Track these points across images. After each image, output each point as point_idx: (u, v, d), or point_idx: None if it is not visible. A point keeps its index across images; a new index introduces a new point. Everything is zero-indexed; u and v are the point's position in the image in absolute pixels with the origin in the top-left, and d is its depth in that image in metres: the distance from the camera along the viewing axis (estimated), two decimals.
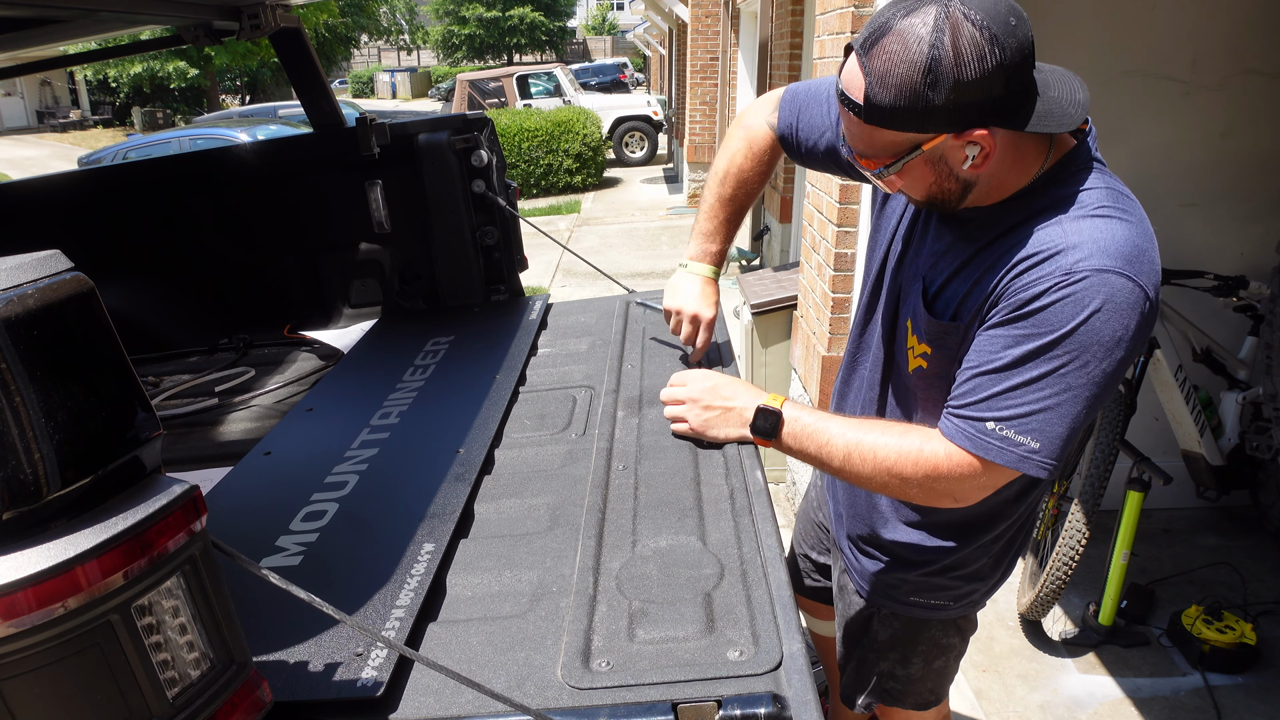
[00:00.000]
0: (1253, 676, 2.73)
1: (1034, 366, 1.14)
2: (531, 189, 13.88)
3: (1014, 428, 1.16)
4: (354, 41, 35.46)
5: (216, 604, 0.89)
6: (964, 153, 1.14)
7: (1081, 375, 1.13)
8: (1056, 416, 1.14)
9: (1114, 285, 1.11)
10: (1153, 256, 1.16)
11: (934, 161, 1.16)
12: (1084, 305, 1.11)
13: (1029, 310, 1.14)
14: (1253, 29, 3.08)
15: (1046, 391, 1.14)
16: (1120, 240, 1.13)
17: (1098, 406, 1.17)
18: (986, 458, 1.19)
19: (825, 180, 3.37)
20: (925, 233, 1.39)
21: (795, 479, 3.83)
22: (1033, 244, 1.16)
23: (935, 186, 1.21)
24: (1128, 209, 1.18)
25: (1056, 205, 1.18)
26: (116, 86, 29.02)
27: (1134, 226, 1.16)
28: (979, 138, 1.11)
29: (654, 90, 24.57)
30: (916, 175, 1.20)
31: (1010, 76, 1.07)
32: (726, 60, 10.57)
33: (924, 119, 1.09)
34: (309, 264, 2.82)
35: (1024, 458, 1.16)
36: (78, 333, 0.82)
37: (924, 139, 1.13)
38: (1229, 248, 3.30)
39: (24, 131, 28.63)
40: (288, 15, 2.39)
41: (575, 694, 1.00)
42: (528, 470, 1.57)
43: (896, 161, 1.17)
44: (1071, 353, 1.12)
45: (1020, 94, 1.10)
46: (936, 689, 1.68)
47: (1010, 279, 1.17)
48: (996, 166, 1.17)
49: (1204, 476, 3.22)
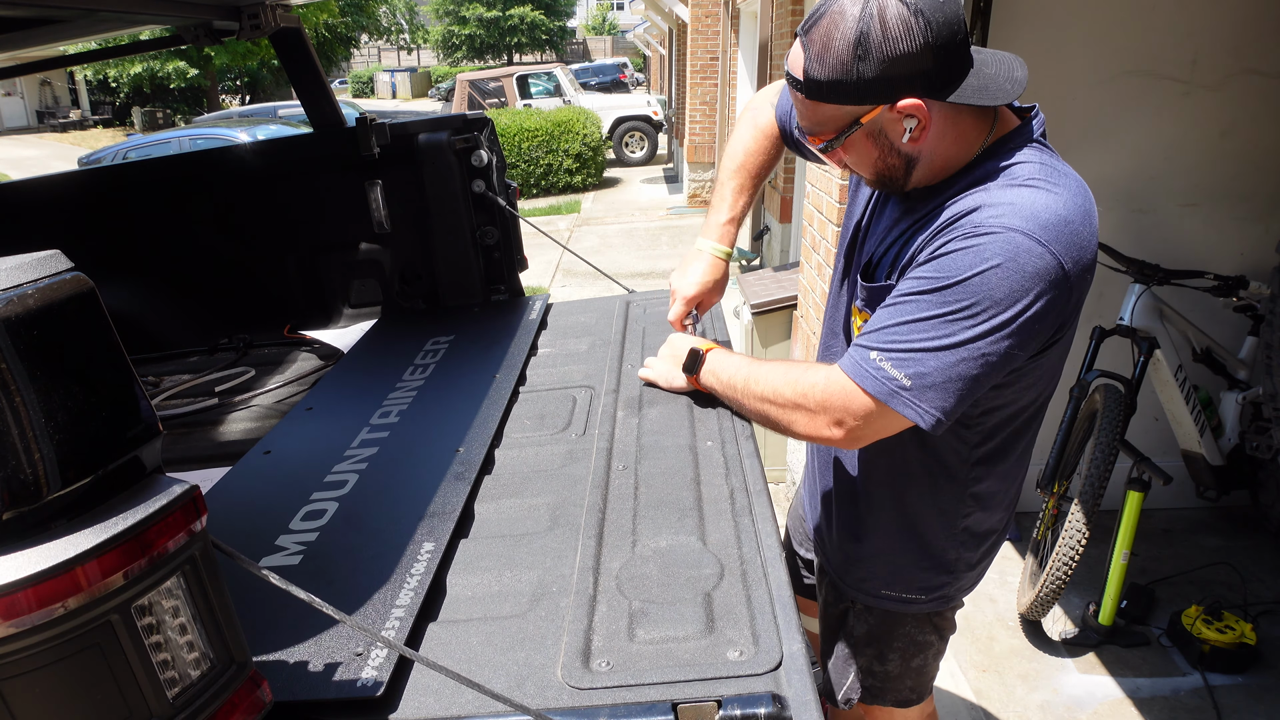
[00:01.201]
0: (1253, 676, 2.73)
1: (923, 308, 1.18)
2: (531, 189, 13.87)
3: (890, 360, 1.19)
4: (354, 41, 35.44)
5: (216, 604, 0.89)
6: (901, 125, 1.19)
7: (967, 327, 1.15)
8: (935, 362, 1.17)
9: (1019, 245, 1.13)
10: (1079, 231, 1.17)
11: (874, 135, 1.22)
12: (983, 258, 1.14)
13: (933, 257, 1.20)
14: (1253, 29, 3.08)
15: (930, 334, 1.17)
16: (1039, 207, 1.15)
17: (985, 373, 1.17)
18: (860, 384, 1.23)
19: (825, 180, 3.37)
20: (879, 218, 1.44)
21: (795, 479, 3.83)
22: (956, 209, 1.22)
23: (880, 162, 1.26)
24: (1059, 183, 1.20)
25: (988, 176, 1.23)
26: (116, 86, 29.01)
27: (1061, 199, 1.18)
28: (912, 108, 1.17)
29: (654, 90, 24.57)
30: (861, 151, 1.25)
31: (938, 50, 1.13)
32: (726, 60, 10.57)
33: (858, 91, 1.16)
34: (309, 264, 2.82)
35: (894, 392, 1.19)
36: (78, 333, 0.82)
37: (861, 112, 1.19)
38: (1229, 248, 3.30)
39: (24, 131, 28.63)
40: (288, 15, 2.39)
41: (575, 694, 1.00)
42: (528, 470, 1.57)
43: (839, 136, 1.23)
44: (960, 301, 1.15)
45: (950, 67, 1.16)
46: (917, 687, 1.68)
47: (929, 238, 1.24)
48: (936, 142, 1.23)
49: (1204, 476, 3.22)
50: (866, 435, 1.29)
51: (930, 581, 1.56)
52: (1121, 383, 2.86)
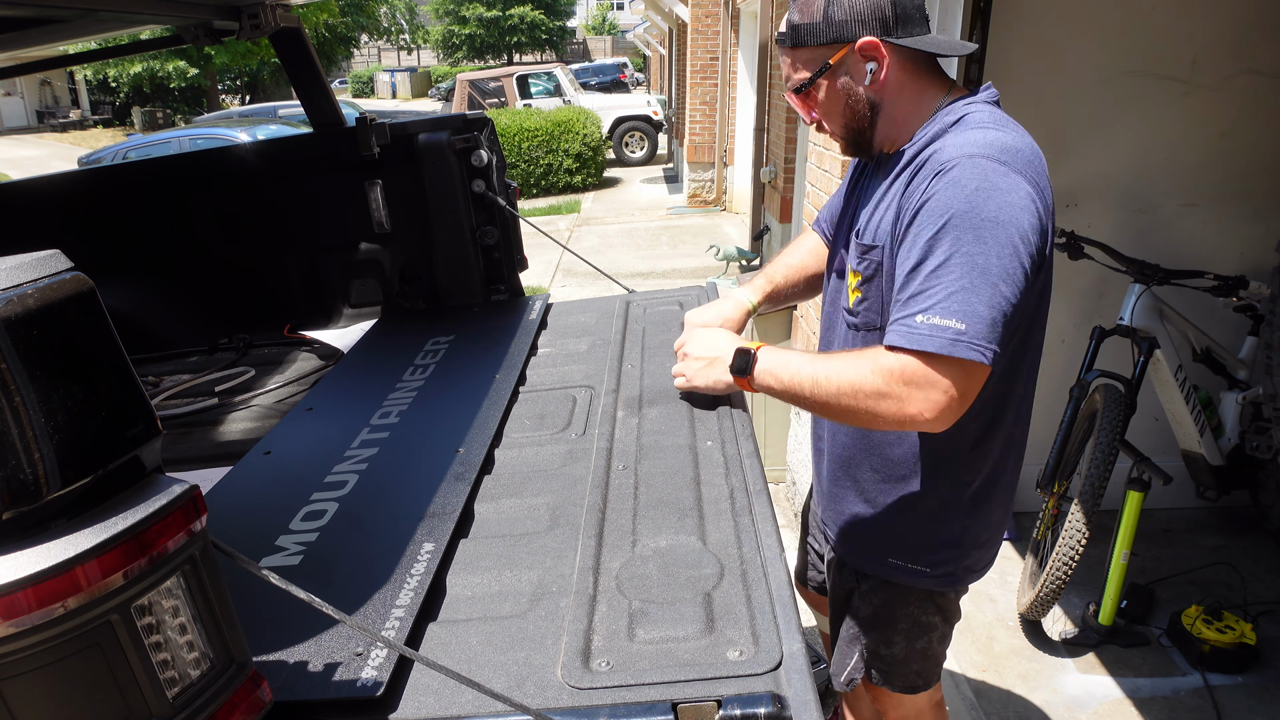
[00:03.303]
0: (1253, 676, 2.73)
1: (938, 254, 1.25)
2: (531, 189, 13.87)
3: (938, 313, 1.23)
4: (354, 41, 35.44)
5: (216, 604, 0.89)
6: (864, 68, 1.38)
7: (981, 251, 1.22)
8: (973, 294, 1.22)
9: (984, 167, 1.26)
10: (1032, 160, 1.29)
11: (840, 77, 1.40)
12: (960, 186, 1.25)
13: (919, 209, 1.30)
14: (1253, 29, 3.08)
15: (956, 273, 1.23)
16: (992, 138, 1.30)
17: (1016, 287, 1.23)
18: (921, 348, 1.24)
19: (825, 180, 3.38)
20: (863, 197, 1.55)
21: (795, 479, 3.83)
22: (922, 160, 1.35)
23: (849, 110, 1.43)
24: (1008, 126, 1.35)
25: (946, 130, 1.37)
26: (116, 86, 29.00)
27: (1011, 136, 1.31)
28: (870, 48, 1.35)
29: (654, 90, 24.57)
30: (831, 97, 1.42)
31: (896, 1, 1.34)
32: (726, 60, 10.58)
33: (826, 30, 1.37)
34: (309, 264, 2.82)
35: (954, 340, 1.22)
36: (78, 333, 0.82)
37: (831, 53, 1.38)
38: (1229, 248, 3.30)
39: (24, 131, 28.63)
40: (288, 15, 2.39)
41: (575, 694, 1.00)
42: (528, 470, 1.57)
43: (812, 78, 1.41)
44: (963, 229, 1.23)
45: (905, 15, 1.36)
46: (923, 672, 1.69)
47: (907, 194, 1.35)
48: (896, 92, 1.40)
49: (1204, 476, 3.22)
50: (954, 405, 1.26)
51: (936, 554, 1.58)
52: (1121, 383, 2.86)
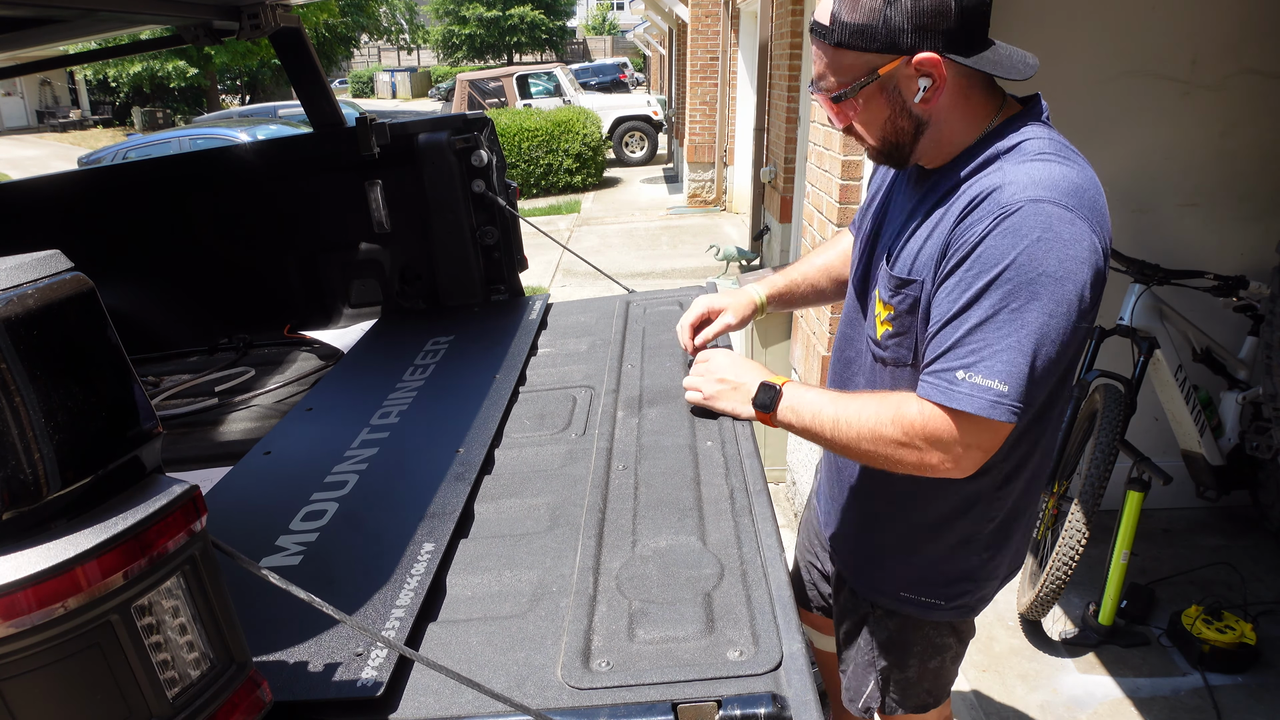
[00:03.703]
0: (1253, 676, 2.73)
1: (986, 307, 1.15)
2: (531, 189, 13.87)
3: (980, 372, 1.16)
4: (354, 41, 35.44)
5: (216, 604, 0.89)
6: (916, 83, 1.21)
7: (1034, 308, 1.13)
8: (1020, 355, 1.14)
9: (1050, 214, 1.13)
10: (1095, 200, 1.18)
11: (888, 90, 1.23)
12: (1021, 235, 1.13)
13: (971, 251, 1.18)
14: (1252, 29, 3.08)
15: (1004, 330, 1.14)
16: (1057, 177, 1.17)
17: (1064, 345, 1.16)
18: (958, 408, 1.18)
19: (825, 180, 3.37)
20: (893, 210, 1.45)
21: (795, 479, 3.83)
22: (973, 190, 1.21)
23: (890, 124, 1.27)
24: (1070, 157, 1.22)
25: (999, 155, 1.23)
26: (116, 86, 28.98)
27: (1075, 170, 1.19)
28: (930, 64, 1.19)
29: (654, 90, 24.57)
30: (873, 108, 1.26)
31: (965, 10, 1.17)
32: (726, 60, 10.57)
33: (883, 37, 1.18)
34: (309, 264, 2.82)
35: (995, 402, 1.15)
36: (78, 333, 0.82)
37: (881, 62, 1.20)
38: (1229, 248, 3.30)
39: (24, 131, 28.62)
40: (288, 15, 2.39)
41: (575, 694, 1.00)
42: (528, 470, 1.57)
43: (855, 85, 1.23)
44: (1017, 283, 1.13)
45: (972, 31, 1.19)
46: (934, 690, 1.66)
47: (955, 227, 1.22)
48: (947, 111, 1.25)
49: (1204, 476, 3.22)
50: (977, 458, 1.23)
51: (952, 588, 1.53)
52: (1121, 383, 2.86)
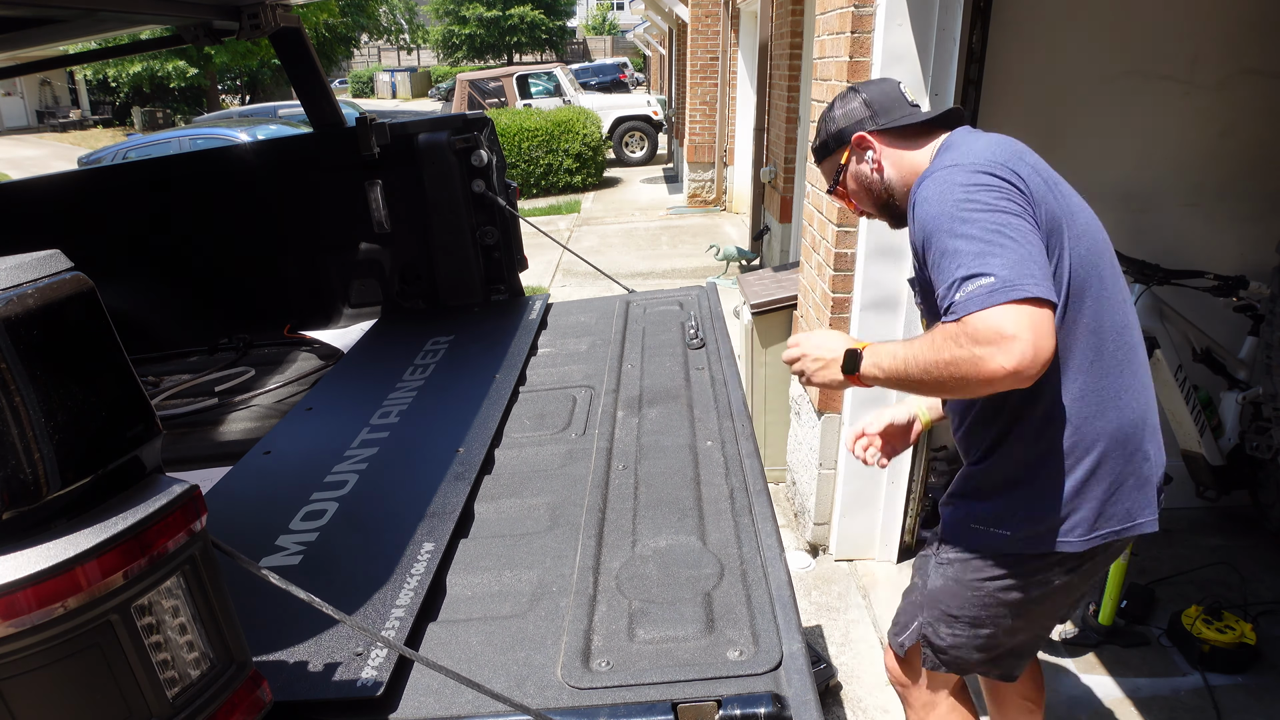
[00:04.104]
0: (1253, 676, 2.72)
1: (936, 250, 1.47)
2: (531, 189, 13.87)
3: (962, 284, 1.41)
4: (354, 41, 35.41)
5: (216, 604, 0.88)
6: (865, 156, 1.72)
7: (965, 226, 1.44)
8: (981, 257, 1.41)
9: (939, 177, 1.52)
10: (980, 150, 1.55)
11: (856, 171, 1.75)
12: (928, 200, 1.51)
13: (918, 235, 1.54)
14: (1252, 29, 3.08)
15: (961, 247, 1.44)
16: (947, 160, 1.55)
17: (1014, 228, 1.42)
18: (967, 312, 1.39)
19: (825, 180, 3.37)
20: None
21: (795, 479, 3.83)
22: (913, 201, 1.57)
23: (871, 193, 1.75)
24: (968, 141, 1.60)
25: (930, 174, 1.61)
26: (116, 86, 28.96)
27: (962, 150, 1.56)
28: (860, 140, 1.70)
29: (654, 90, 24.57)
30: (858, 187, 1.77)
31: (869, 103, 1.71)
32: (726, 60, 10.57)
33: (832, 141, 1.76)
34: (309, 264, 2.82)
35: (991, 291, 1.37)
36: (78, 333, 0.82)
37: (840, 155, 1.75)
38: (1229, 248, 3.30)
39: (24, 131, 28.60)
40: (288, 15, 2.39)
41: (575, 694, 1.00)
42: (528, 470, 1.57)
43: (837, 177, 1.77)
44: (942, 221, 1.47)
45: (883, 106, 1.70)
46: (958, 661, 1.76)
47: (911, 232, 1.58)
48: (895, 164, 1.70)
49: (1204, 476, 3.22)
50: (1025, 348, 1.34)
51: (1022, 515, 1.62)
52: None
